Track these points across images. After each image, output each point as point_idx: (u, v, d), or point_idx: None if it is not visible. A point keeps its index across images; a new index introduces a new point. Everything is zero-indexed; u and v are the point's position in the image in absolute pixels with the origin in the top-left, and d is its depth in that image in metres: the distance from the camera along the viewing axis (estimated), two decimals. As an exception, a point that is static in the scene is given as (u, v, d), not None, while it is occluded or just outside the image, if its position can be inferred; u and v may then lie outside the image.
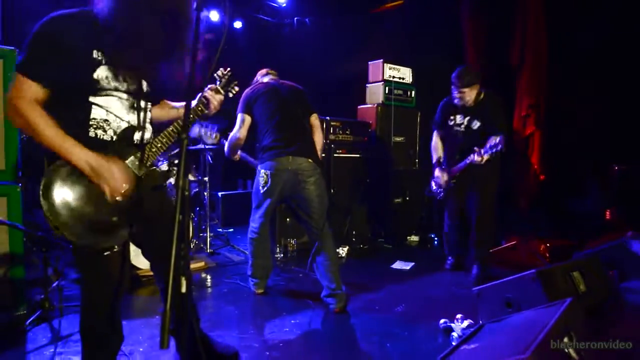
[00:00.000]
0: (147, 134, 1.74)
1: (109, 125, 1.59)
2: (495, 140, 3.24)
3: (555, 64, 4.64)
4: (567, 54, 4.56)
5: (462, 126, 3.64)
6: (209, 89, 1.90)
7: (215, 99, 1.89)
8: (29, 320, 2.55)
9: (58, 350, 2.29)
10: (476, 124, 3.55)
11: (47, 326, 2.55)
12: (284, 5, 6.71)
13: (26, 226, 2.61)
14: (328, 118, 4.70)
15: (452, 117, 3.70)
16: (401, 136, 5.24)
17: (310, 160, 3.02)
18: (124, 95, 1.63)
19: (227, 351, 2.25)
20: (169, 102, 1.98)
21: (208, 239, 4.50)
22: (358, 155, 4.97)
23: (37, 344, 2.36)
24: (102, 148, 1.54)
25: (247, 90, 3.19)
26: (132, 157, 1.65)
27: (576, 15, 4.46)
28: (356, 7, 6.34)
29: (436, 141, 3.92)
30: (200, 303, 3.08)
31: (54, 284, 3.11)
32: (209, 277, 3.74)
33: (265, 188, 3.03)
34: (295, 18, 6.88)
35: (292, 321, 2.78)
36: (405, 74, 5.39)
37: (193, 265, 3.91)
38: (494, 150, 3.24)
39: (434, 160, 3.87)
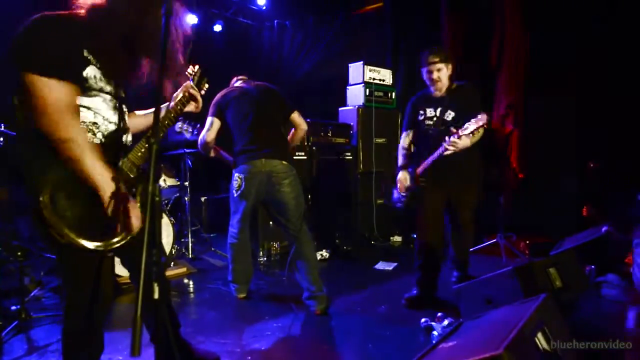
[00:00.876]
0: (130, 137, 1.75)
1: (97, 128, 1.58)
2: (475, 118, 2.69)
3: (533, 63, 4.73)
4: (545, 53, 4.66)
5: (434, 119, 3.07)
6: (185, 87, 1.88)
7: (198, 97, 1.89)
8: (5, 331, 2.50)
9: (34, 362, 2.25)
10: (450, 115, 3.01)
11: (24, 337, 2.50)
12: (264, 8, 6.71)
13: (5, 235, 2.56)
14: (309, 120, 4.69)
15: (422, 112, 3.12)
16: (382, 137, 5.28)
17: (284, 162, 3.03)
18: (108, 97, 1.63)
19: (208, 357, 2.24)
20: (137, 112, 1.94)
21: (190, 244, 4.46)
22: (340, 157, 5.00)
23: (13, 355, 2.32)
24: None
25: (218, 95, 3.19)
26: (125, 159, 1.63)
27: (554, 15, 4.56)
28: (336, 10, 6.37)
29: (404, 143, 3.27)
30: (181, 309, 3.05)
31: (31, 294, 3.05)
32: (190, 282, 3.71)
33: (240, 191, 3.03)
34: (276, 21, 6.88)
35: (275, 325, 2.78)
36: (385, 75, 5.44)
37: (175, 271, 3.88)
38: (474, 128, 2.68)
39: (399, 164, 3.24)
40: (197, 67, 2.02)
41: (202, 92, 2.03)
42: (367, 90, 5.17)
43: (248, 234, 3.23)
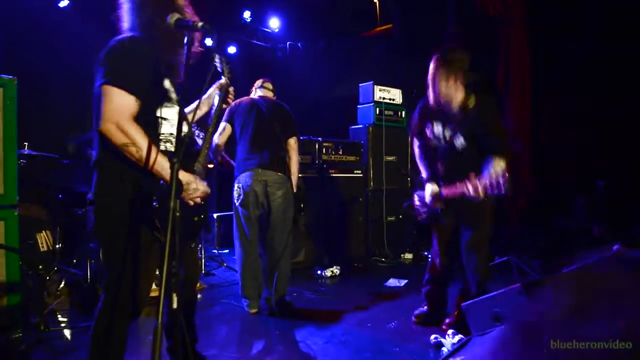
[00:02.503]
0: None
1: (175, 138, 1.72)
2: (495, 176, 2.33)
3: (540, 82, 4.79)
4: (551, 74, 4.71)
5: (442, 139, 2.78)
6: (220, 84, 2.09)
7: (230, 91, 2.11)
8: (25, 343, 2.57)
9: (53, 372, 2.32)
10: (460, 141, 2.67)
11: (43, 348, 2.57)
12: (277, 30, 6.90)
13: (23, 250, 2.66)
14: (320, 139, 4.81)
15: (429, 124, 2.83)
16: (393, 155, 5.35)
17: (279, 173, 3.18)
18: (178, 107, 1.78)
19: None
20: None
21: (203, 260, 4.53)
22: (350, 175, 5.07)
23: (32, 366, 2.39)
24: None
25: (233, 102, 3.34)
26: (197, 165, 1.79)
27: (559, 34, 4.63)
28: (347, 31, 6.53)
29: (419, 153, 3.03)
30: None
31: (50, 307, 3.14)
32: (203, 297, 3.76)
33: (239, 200, 3.17)
34: (288, 42, 7.07)
35: (285, 340, 2.82)
36: (395, 95, 5.54)
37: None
38: (495, 192, 2.35)
39: (425, 176, 2.93)
40: (218, 56, 2.15)
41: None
42: (377, 109, 5.26)
43: (257, 250, 3.30)
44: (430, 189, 2.81)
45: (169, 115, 1.75)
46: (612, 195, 4.31)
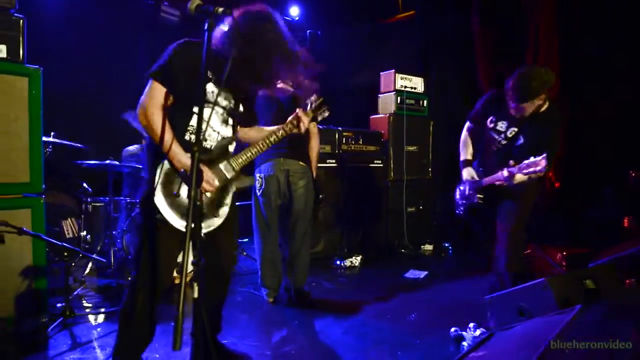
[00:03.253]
0: (234, 146, 2.10)
1: (204, 134, 1.90)
2: (535, 158, 2.50)
3: (569, 72, 4.62)
4: (581, 62, 4.54)
5: (502, 136, 2.87)
6: (298, 111, 2.22)
7: (304, 121, 2.21)
8: (51, 328, 2.65)
9: (78, 356, 2.37)
10: (520, 141, 2.79)
11: (68, 333, 2.64)
12: (297, 18, 6.84)
13: (49, 237, 2.71)
14: (340, 128, 4.76)
15: (493, 119, 2.90)
16: (414, 145, 5.27)
17: (301, 163, 3.16)
18: (220, 110, 1.98)
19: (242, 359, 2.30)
20: (264, 128, 2.30)
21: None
22: (371, 165, 5.01)
23: (58, 350, 2.45)
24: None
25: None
26: (225, 162, 1.99)
27: (589, 21, 4.45)
28: (368, 18, 6.42)
29: (466, 137, 3.13)
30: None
31: (75, 293, 3.22)
32: (223, 286, 3.80)
33: (261, 190, 3.17)
34: (308, 30, 6.98)
35: (304, 329, 2.82)
36: (417, 83, 5.43)
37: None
38: (531, 171, 2.51)
39: (462, 158, 3.09)
40: (320, 97, 2.37)
41: (319, 118, 2.40)
42: (399, 98, 5.18)
43: (277, 240, 3.30)
44: (466, 173, 3.01)
45: (204, 114, 1.82)
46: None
